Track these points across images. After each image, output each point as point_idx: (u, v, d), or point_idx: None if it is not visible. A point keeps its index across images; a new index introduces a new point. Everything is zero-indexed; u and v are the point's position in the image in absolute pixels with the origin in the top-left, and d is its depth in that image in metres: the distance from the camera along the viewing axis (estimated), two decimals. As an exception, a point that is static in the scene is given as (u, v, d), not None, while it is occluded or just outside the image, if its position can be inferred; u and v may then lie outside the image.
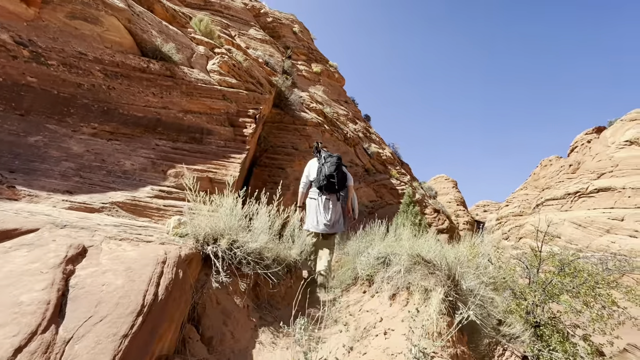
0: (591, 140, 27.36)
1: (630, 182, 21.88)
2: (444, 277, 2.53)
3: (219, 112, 6.86)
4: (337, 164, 4.02)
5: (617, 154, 23.96)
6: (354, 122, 16.67)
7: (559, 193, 25.33)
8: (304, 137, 10.72)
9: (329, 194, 3.98)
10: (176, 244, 2.48)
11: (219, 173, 4.97)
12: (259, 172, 8.18)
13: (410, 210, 8.81)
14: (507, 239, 27.59)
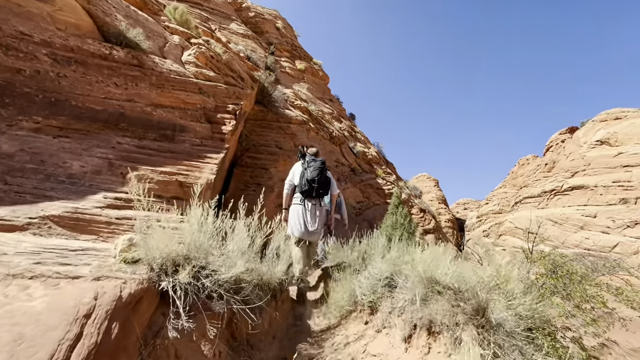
0: (565, 140, 27.98)
1: (601, 180, 22.41)
2: (472, 310, 1.96)
3: (195, 107, 6.08)
4: (320, 168, 3.88)
5: (589, 154, 24.54)
6: (339, 121, 16.09)
7: (536, 191, 25.72)
8: (288, 136, 10.02)
9: (311, 199, 3.84)
10: (119, 278, 1.78)
11: (191, 176, 4.23)
12: (240, 173, 7.44)
13: (399, 212, 8.32)
14: (488, 236, 27.83)
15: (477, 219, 31.37)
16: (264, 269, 2.69)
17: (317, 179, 3.78)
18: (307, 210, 3.81)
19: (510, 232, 25.54)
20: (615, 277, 7.42)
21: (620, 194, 21.14)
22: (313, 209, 3.82)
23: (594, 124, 25.71)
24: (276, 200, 7.46)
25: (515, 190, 29.59)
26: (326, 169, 4.01)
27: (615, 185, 21.60)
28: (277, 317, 2.67)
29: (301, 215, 3.82)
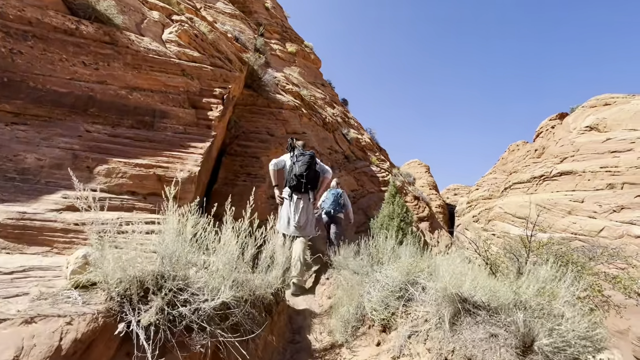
0: (555, 126, 27.94)
1: (589, 166, 22.51)
2: (516, 341, 1.57)
3: (177, 90, 5.47)
4: (308, 162, 3.79)
5: (578, 139, 24.56)
6: (331, 106, 15.49)
7: (525, 177, 25.79)
8: (280, 122, 9.45)
9: (300, 194, 3.75)
10: (63, 316, 1.32)
11: (172, 168, 3.70)
12: (229, 162, 6.91)
13: (396, 202, 7.96)
14: (477, 221, 28.01)
15: (467, 204, 31.51)
16: (257, 282, 2.26)
17: (306, 174, 3.68)
18: (293, 204, 3.71)
19: (500, 218, 25.70)
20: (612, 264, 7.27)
21: (607, 179, 21.30)
22: (299, 203, 3.73)
23: (583, 109, 25.64)
24: (268, 191, 6.98)
25: (505, 176, 29.69)
26: (315, 162, 3.89)
27: (602, 170, 21.73)
28: (273, 340, 2.25)
29: (291, 211, 3.72)
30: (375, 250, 3.15)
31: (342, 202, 5.81)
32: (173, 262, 1.80)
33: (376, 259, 3.04)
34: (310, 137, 10.36)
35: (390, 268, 2.47)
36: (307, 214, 3.81)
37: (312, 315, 2.84)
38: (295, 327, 2.69)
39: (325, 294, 3.16)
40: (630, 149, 21.53)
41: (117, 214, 2.62)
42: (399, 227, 7.57)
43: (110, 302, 1.53)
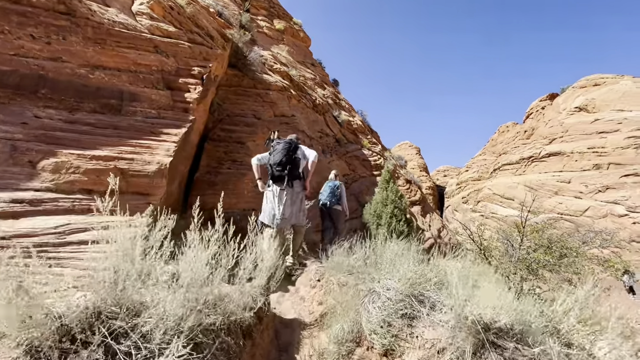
0: (545, 107, 27.81)
1: (577, 147, 22.59)
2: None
3: (150, 69, 4.85)
4: (285, 149, 3.58)
5: (567, 120, 24.52)
6: (322, 87, 14.81)
7: (515, 158, 25.83)
8: (267, 104, 8.84)
9: (280, 183, 3.54)
10: None
11: (138, 160, 3.20)
12: (212, 149, 6.37)
13: (390, 188, 7.61)
14: (466, 202, 28.22)
15: (456, 185, 31.66)
16: (232, 305, 1.84)
17: (279, 162, 3.50)
18: (277, 197, 3.50)
19: (489, 199, 25.89)
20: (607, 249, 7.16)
21: (594, 159, 21.42)
22: (282, 195, 3.51)
23: (573, 90, 25.49)
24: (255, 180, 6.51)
25: (495, 157, 29.75)
26: (293, 149, 3.65)
27: (590, 151, 21.81)
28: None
29: (275, 202, 3.53)
30: (372, 253, 2.77)
31: (338, 194, 5.58)
32: (118, 293, 1.38)
33: (372, 260, 2.66)
34: (300, 120, 9.81)
35: (393, 279, 2.09)
36: (293, 205, 3.59)
37: (301, 326, 2.48)
38: (282, 343, 2.34)
39: (316, 299, 2.81)
40: (617, 129, 21.57)
41: (65, 218, 2.15)
42: (392, 213, 7.26)
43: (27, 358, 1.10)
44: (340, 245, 3.49)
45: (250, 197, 6.21)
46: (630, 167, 19.27)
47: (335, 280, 2.87)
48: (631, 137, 20.26)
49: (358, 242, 3.65)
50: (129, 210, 2.20)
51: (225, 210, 5.30)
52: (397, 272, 2.05)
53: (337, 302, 2.38)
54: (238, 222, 5.41)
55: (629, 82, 23.08)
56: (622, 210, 18.04)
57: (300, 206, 3.71)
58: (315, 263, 3.35)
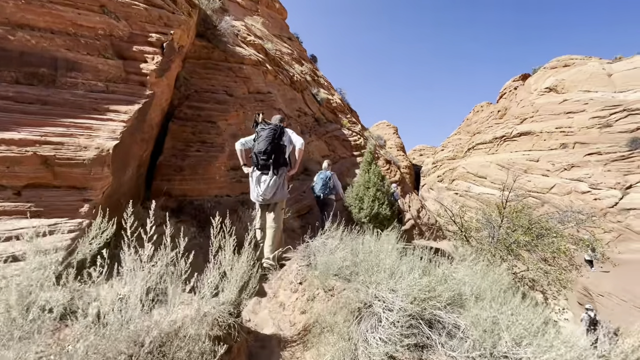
0: (518, 87, 28.22)
1: (546, 127, 23.24)
2: None
3: (95, 33, 4.01)
4: (270, 136, 3.42)
5: (537, 100, 25.04)
6: (300, 63, 13.94)
7: (488, 137, 26.29)
8: (240, 80, 8.05)
9: (265, 169, 3.42)
10: None
11: (70, 144, 2.53)
12: (178, 129, 5.63)
13: (372, 170, 7.23)
14: (442, 180, 28.73)
15: (432, 165, 32.10)
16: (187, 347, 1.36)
17: (264, 150, 3.34)
18: (261, 181, 3.41)
19: (463, 177, 26.46)
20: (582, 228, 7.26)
21: (561, 139, 22.15)
22: (261, 178, 3.42)
23: (545, 71, 25.91)
24: (228, 163, 5.88)
25: (469, 136, 30.22)
26: (279, 135, 3.48)
27: (557, 131, 22.49)
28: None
29: (256, 185, 3.47)
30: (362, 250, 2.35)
31: (331, 185, 5.61)
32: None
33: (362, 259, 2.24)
34: (277, 97, 9.09)
35: (392, 288, 1.68)
36: (275, 185, 3.44)
37: (282, 343, 2.07)
38: None
39: (298, 307, 2.40)
40: (583, 110, 22.25)
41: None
42: (375, 196, 6.93)
43: None
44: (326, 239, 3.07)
45: (223, 182, 5.61)
46: (594, 146, 20.08)
47: (320, 283, 2.45)
48: (595, 117, 20.99)
49: (344, 233, 3.25)
50: (58, 210, 1.63)
51: (195, 198, 4.67)
52: (399, 285, 1.63)
53: (324, 320, 1.96)
54: (210, 210, 4.80)
55: (596, 64, 23.67)
56: (585, 187, 18.90)
57: (283, 191, 3.55)
58: (296, 261, 2.90)
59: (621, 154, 18.50)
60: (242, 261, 2.09)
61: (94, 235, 1.69)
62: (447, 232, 8.24)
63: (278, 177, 3.42)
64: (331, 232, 3.29)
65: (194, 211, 4.83)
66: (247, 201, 5.72)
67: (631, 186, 17.04)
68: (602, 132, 20.29)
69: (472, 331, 1.29)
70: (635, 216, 15.99)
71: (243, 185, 5.93)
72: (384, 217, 6.76)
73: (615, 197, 17.05)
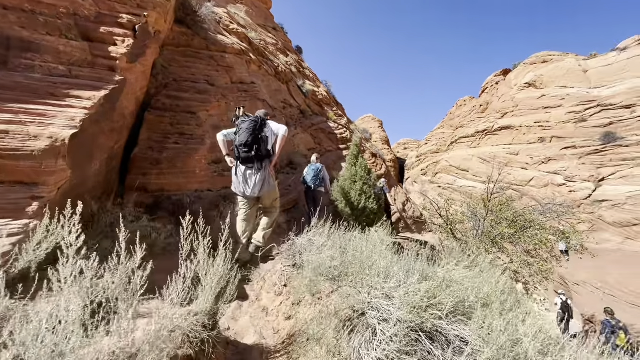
0: (499, 82, 28.64)
1: (526, 121, 23.74)
2: None
3: (56, 11, 3.59)
4: (250, 129, 3.33)
5: (518, 95, 25.51)
6: (285, 54, 13.52)
7: (470, 131, 26.65)
8: (223, 69, 7.65)
9: (247, 163, 3.34)
10: None
11: (16, 133, 2.17)
12: (156, 120, 5.24)
13: (358, 163, 7.05)
14: (425, 174, 29.01)
15: (416, 158, 32.38)
16: None
17: (245, 142, 3.24)
18: (242, 176, 3.33)
19: (446, 170, 26.79)
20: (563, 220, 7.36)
21: (539, 133, 22.68)
22: (246, 173, 3.33)
23: (525, 66, 26.37)
24: (209, 155, 5.55)
25: (452, 130, 30.57)
26: (260, 125, 3.38)
27: (536, 125, 23.01)
28: None
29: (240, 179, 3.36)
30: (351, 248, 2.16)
31: (322, 176, 5.69)
32: None
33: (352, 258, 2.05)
34: (261, 88, 8.74)
35: (385, 293, 1.50)
36: (261, 179, 3.35)
37: (264, 355, 1.85)
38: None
39: (282, 312, 2.18)
40: (560, 105, 22.82)
41: None
42: (361, 190, 6.76)
43: None
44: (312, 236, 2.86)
45: (204, 176, 5.29)
46: (570, 140, 20.65)
47: (306, 286, 2.24)
48: (572, 112, 21.57)
49: (331, 230, 3.05)
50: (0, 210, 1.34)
51: (174, 193, 4.34)
52: (396, 292, 1.44)
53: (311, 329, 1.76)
54: (190, 205, 4.49)
55: (572, 60, 24.25)
56: (561, 180, 19.45)
57: (270, 183, 3.43)
58: (281, 260, 2.68)
59: (595, 148, 19.10)
60: (218, 265, 1.85)
61: (41, 239, 1.42)
62: (433, 225, 8.22)
63: (263, 170, 3.33)
64: (318, 228, 3.09)
65: (172, 207, 4.51)
66: (230, 196, 5.44)
67: (604, 179, 17.65)
68: (578, 127, 20.88)
69: (484, 349, 1.11)
70: (607, 208, 16.59)
71: (225, 179, 5.62)
72: (371, 211, 6.62)
73: (589, 189, 17.62)
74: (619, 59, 22.28)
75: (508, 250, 6.61)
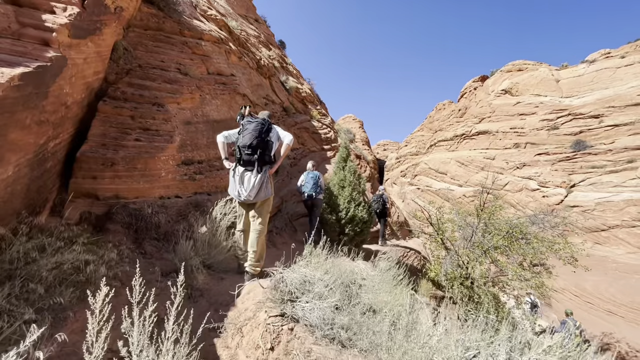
0: (477, 87, 29.12)
1: (502, 127, 24.20)
2: None
3: (-34, -39, 2.66)
4: (257, 130, 3.12)
5: (494, 101, 25.99)
6: (267, 48, 12.67)
7: (449, 135, 26.88)
8: (198, 57, 6.75)
9: (247, 165, 3.11)
10: None
11: None
12: (113, 112, 4.31)
13: (347, 168, 6.41)
14: (404, 176, 29.01)
15: (396, 160, 32.36)
16: None
17: (250, 144, 3.06)
18: (238, 177, 3.14)
19: (425, 173, 26.88)
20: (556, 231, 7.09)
21: (514, 139, 23.17)
22: (244, 175, 3.13)
23: (501, 73, 26.93)
24: (179, 155, 4.70)
25: (432, 133, 30.79)
26: (267, 129, 3.22)
27: (512, 131, 23.50)
28: None
29: (236, 182, 3.17)
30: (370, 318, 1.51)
31: (320, 184, 5.63)
32: None
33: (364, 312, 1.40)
34: (241, 81, 7.90)
35: None
36: (259, 183, 3.13)
37: None
38: None
39: None
40: (534, 112, 23.41)
41: None
42: (350, 197, 6.13)
43: None
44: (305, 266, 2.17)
45: (172, 180, 4.44)
46: (543, 146, 21.19)
47: (303, 349, 1.55)
48: (545, 119, 22.16)
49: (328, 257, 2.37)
50: None
51: (132, 201, 3.47)
52: None
53: None
54: (151, 216, 3.61)
55: (545, 70, 24.98)
56: (535, 185, 19.88)
57: (267, 190, 3.20)
58: (264, 306, 1.96)
59: (566, 154, 19.67)
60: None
61: None
62: (423, 234, 7.77)
63: (262, 174, 3.12)
64: (311, 256, 2.40)
65: (128, 218, 3.65)
66: (202, 203, 4.61)
67: (575, 185, 18.17)
68: (550, 134, 21.45)
69: None
70: (577, 213, 17.05)
71: (197, 184, 4.80)
72: (360, 220, 6.01)
73: (561, 194, 18.08)
74: (588, 70, 23.16)
75: (501, 261, 6.23)
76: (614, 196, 16.48)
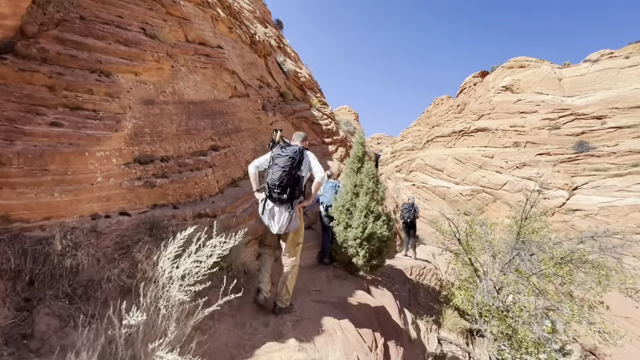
0: (477, 83, 27.81)
1: (501, 125, 23.02)
2: None
3: None
4: (288, 166, 2.81)
5: (494, 98, 24.75)
6: (263, 25, 10.85)
7: (447, 131, 25.62)
8: (174, 20, 5.01)
9: (279, 205, 2.87)
10: None
11: None
12: (17, 76, 2.62)
13: (364, 170, 4.90)
14: (400, 171, 27.74)
15: (391, 154, 31.02)
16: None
17: (279, 183, 2.75)
18: (268, 211, 2.87)
19: (421, 169, 25.62)
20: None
21: (514, 137, 22.03)
22: (273, 210, 2.86)
23: (502, 70, 25.62)
24: (127, 150, 3.06)
25: (429, 128, 29.46)
26: (298, 162, 2.84)
27: (511, 129, 22.33)
28: None
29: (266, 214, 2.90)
30: None
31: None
32: None
33: None
34: (230, 55, 6.18)
35: None
36: (288, 218, 2.84)
37: None
38: None
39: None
40: (536, 110, 22.22)
41: None
42: (367, 208, 4.62)
43: None
44: None
45: (114, 187, 2.81)
46: (544, 146, 20.13)
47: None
48: (546, 118, 21.05)
49: None
50: None
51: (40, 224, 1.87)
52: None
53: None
54: (66, 253, 1.92)
55: (548, 67, 23.80)
56: (535, 186, 18.84)
57: (296, 222, 2.89)
58: None
59: (568, 155, 18.66)
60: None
61: None
62: (449, 251, 6.37)
63: (292, 209, 2.86)
64: None
65: (18, 260, 2.04)
66: (162, 223, 2.99)
67: (577, 188, 17.21)
68: (552, 134, 20.39)
69: None
70: (579, 217, 16.12)
71: (158, 192, 3.18)
72: (379, 239, 4.52)
73: (563, 197, 17.11)
74: (591, 69, 22.07)
75: (549, 292, 4.89)
76: (618, 201, 15.57)
